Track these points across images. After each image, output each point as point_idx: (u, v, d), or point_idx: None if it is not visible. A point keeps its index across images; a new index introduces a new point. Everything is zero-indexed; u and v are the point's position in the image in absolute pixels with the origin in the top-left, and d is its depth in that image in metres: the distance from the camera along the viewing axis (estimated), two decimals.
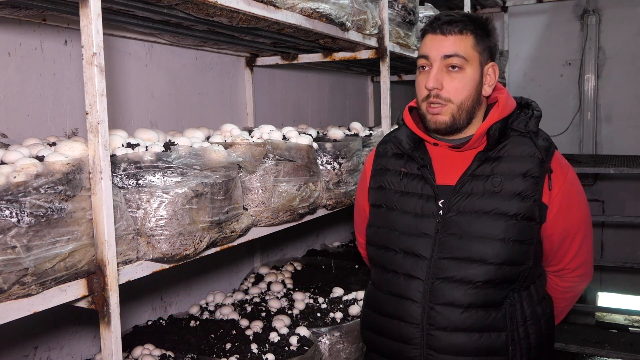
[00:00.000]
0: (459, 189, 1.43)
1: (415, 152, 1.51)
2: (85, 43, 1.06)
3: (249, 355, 1.88)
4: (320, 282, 2.64)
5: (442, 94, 1.41)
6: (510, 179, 1.40)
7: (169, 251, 1.30)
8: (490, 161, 1.43)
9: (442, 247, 1.42)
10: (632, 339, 3.85)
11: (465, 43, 1.40)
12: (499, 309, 1.40)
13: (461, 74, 1.40)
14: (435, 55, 1.42)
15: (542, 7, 5.14)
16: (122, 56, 2.11)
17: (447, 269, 1.40)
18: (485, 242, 1.38)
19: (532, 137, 1.43)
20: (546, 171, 1.39)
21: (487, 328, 1.40)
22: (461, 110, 1.42)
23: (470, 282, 1.39)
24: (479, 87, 1.43)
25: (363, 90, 4.27)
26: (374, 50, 2.50)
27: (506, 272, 1.38)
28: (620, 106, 4.93)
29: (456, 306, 1.39)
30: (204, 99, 2.54)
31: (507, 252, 1.38)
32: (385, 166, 1.59)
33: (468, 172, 1.44)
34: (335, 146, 2.04)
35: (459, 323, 1.39)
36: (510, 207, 1.38)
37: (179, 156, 1.33)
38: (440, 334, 1.40)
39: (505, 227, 1.38)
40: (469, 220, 1.40)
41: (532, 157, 1.41)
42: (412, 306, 1.43)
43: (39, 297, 1.04)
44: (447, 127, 1.44)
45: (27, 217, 0.99)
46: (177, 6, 1.56)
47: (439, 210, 1.44)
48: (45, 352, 1.83)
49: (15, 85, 1.70)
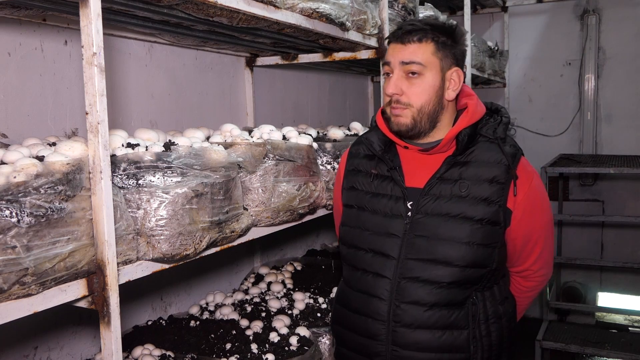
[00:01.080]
0: (427, 192, 1.48)
1: (386, 154, 1.55)
2: (85, 43, 1.06)
3: (249, 355, 1.88)
4: (320, 282, 2.64)
5: (402, 99, 1.47)
6: (477, 184, 1.45)
7: (169, 251, 1.30)
8: (459, 166, 1.48)
9: (409, 247, 1.46)
10: (632, 339, 3.85)
11: (423, 50, 1.45)
12: (461, 308, 1.45)
13: (419, 79, 1.45)
14: (395, 62, 1.48)
15: (542, 7, 5.14)
16: (122, 56, 2.11)
17: (414, 269, 1.45)
18: (451, 244, 1.43)
19: (499, 143, 1.47)
20: (512, 177, 1.44)
21: (449, 326, 1.44)
22: (421, 114, 1.46)
23: (435, 282, 1.43)
24: (440, 91, 1.47)
25: (363, 90, 4.27)
26: (374, 50, 2.50)
27: (470, 274, 1.43)
28: (620, 106, 4.92)
29: (421, 305, 1.44)
30: (204, 99, 2.54)
31: (471, 255, 1.42)
32: (357, 167, 1.63)
33: (436, 176, 1.48)
34: (335, 146, 2.04)
35: (422, 321, 1.44)
36: (476, 212, 1.43)
37: (179, 156, 1.33)
38: (404, 331, 1.45)
39: (470, 231, 1.42)
40: (436, 222, 1.45)
41: (499, 164, 1.45)
42: (379, 304, 1.48)
43: (39, 297, 1.04)
44: (408, 129, 1.48)
45: (27, 217, 0.99)
46: (177, 6, 1.56)
47: (407, 211, 1.48)
48: (45, 352, 1.83)
49: (15, 85, 1.70)
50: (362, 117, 4.23)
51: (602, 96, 4.99)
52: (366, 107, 4.33)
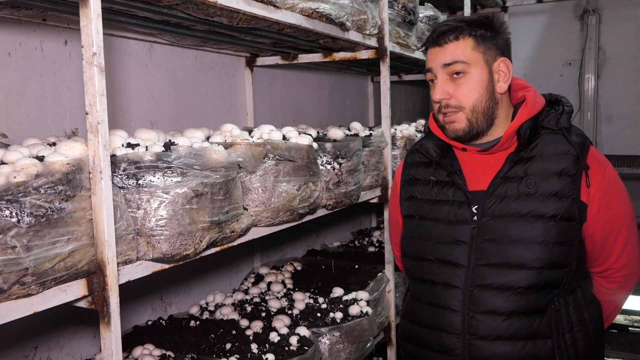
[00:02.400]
0: (492, 193, 1.40)
1: (444, 159, 1.48)
2: (85, 43, 1.06)
3: (249, 355, 1.88)
4: (320, 282, 2.64)
5: (451, 102, 1.40)
6: (545, 179, 1.36)
7: (169, 251, 1.30)
8: (523, 162, 1.40)
9: (479, 253, 1.38)
10: (632, 339, 3.85)
11: (463, 48, 1.39)
12: (543, 315, 1.36)
13: (465, 78, 1.39)
14: (436, 66, 1.42)
15: (542, 7, 5.14)
16: (122, 56, 2.11)
17: (486, 275, 1.37)
18: (523, 246, 1.34)
19: (564, 133, 1.39)
20: (583, 168, 1.35)
21: (531, 336, 1.35)
22: (476, 113, 1.39)
23: (511, 288, 1.35)
24: (490, 86, 1.40)
25: (363, 90, 4.27)
26: (374, 50, 2.50)
27: (548, 276, 1.34)
28: (620, 106, 4.92)
29: (497, 314, 1.35)
30: (204, 99, 2.54)
31: (547, 255, 1.33)
32: (414, 176, 1.57)
33: (500, 175, 1.40)
34: (335, 146, 2.04)
35: (501, 331, 1.35)
36: (548, 208, 1.34)
37: (179, 156, 1.33)
38: (482, 344, 1.36)
39: (543, 229, 1.34)
40: (505, 224, 1.37)
41: (566, 155, 1.37)
42: (451, 316, 1.40)
43: (39, 297, 1.04)
44: (465, 133, 1.41)
45: (27, 217, 0.99)
46: (177, 6, 1.56)
47: (473, 216, 1.41)
48: (45, 352, 1.83)
49: (15, 85, 1.70)
50: (362, 117, 4.23)
51: (602, 96, 4.99)
52: (366, 107, 4.33)
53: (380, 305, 2.52)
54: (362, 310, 2.28)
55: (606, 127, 4.99)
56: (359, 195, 2.17)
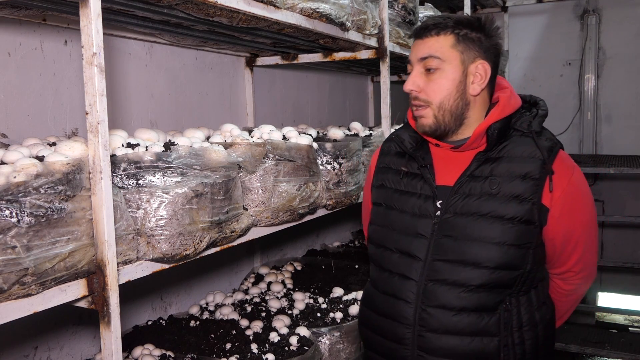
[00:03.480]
0: (456, 190, 1.41)
1: (417, 152, 1.49)
2: (85, 43, 1.06)
3: (249, 355, 1.88)
4: (320, 282, 2.64)
5: (420, 95, 1.42)
6: (509, 181, 1.37)
7: (169, 251, 1.30)
8: (490, 162, 1.41)
9: (437, 248, 1.40)
10: (632, 339, 3.85)
11: (442, 44, 1.39)
12: (492, 314, 1.38)
13: (437, 74, 1.39)
14: (413, 58, 1.44)
15: (542, 7, 5.14)
16: (122, 56, 2.11)
17: (441, 271, 1.39)
18: (480, 245, 1.36)
19: (534, 137, 1.39)
20: (547, 173, 1.36)
21: (479, 332, 1.37)
22: (442, 111, 1.40)
23: (463, 285, 1.37)
24: (462, 86, 1.40)
25: (363, 90, 4.27)
26: (374, 50, 2.50)
27: (501, 277, 1.36)
28: (620, 106, 4.92)
29: (448, 309, 1.38)
30: (204, 99, 2.54)
31: (502, 256, 1.35)
32: (388, 165, 1.58)
33: (467, 173, 1.42)
34: (335, 146, 2.04)
35: (450, 326, 1.37)
36: (508, 210, 1.35)
37: (179, 156, 1.32)
38: (431, 336, 1.39)
39: (501, 230, 1.35)
40: (465, 222, 1.38)
41: (532, 158, 1.38)
42: (405, 307, 1.42)
43: (39, 297, 1.04)
44: (432, 130, 1.43)
45: (27, 217, 0.99)
46: (177, 6, 1.56)
47: (436, 211, 1.43)
48: (45, 352, 1.83)
49: (15, 85, 1.70)
50: (362, 117, 4.23)
51: (602, 96, 4.99)
52: (366, 107, 4.33)
53: None
54: None
55: (606, 127, 4.99)
56: (359, 195, 2.17)
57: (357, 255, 3.18)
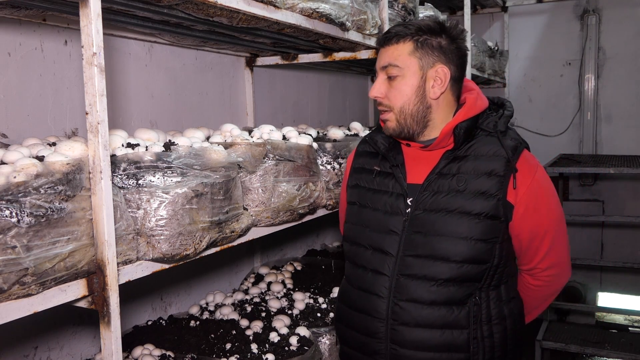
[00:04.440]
0: (425, 187, 1.47)
1: (390, 152, 1.56)
2: (85, 43, 1.06)
3: (249, 355, 1.88)
4: (320, 282, 2.64)
5: (383, 101, 1.49)
6: (475, 178, 1.43)
7: (169, 251, 1.30)
8: (457, 160, 1.47)
9: (407, 244, 1.46)
10: (632, 339, 3.85)
11: (400, 52, 1.45)
12: (462, 307, 1.43)
13: (397, 81, 1.46)
14: (377, 66, 1.51)
15: (542, 7, 5.14)
16: (122, 56, 2.11)
17: (412, 266, 1.44)
18: (448, 240, 1.42)
19: (498, 136, 1.46)
20: (511, 170, 1.42)
21: (449, 325, 1.43)
22: (404, 115, 1.47)
23: (433, 279, 1.42)
24: (421, 91, 1.46)
25: (363, 90, 4.27)
26: (374, 50, 2.50)
27: (469, 271, 1.41)
28: (620, 106, 4.92)
29: (419, 302, 1.43)
30: (204, 99, 2.54)
31: (469, 251, 1.40)
32: (362, 165, 1.64)
33: (435, 171, 1.48)
34: (335, 146, 2.04)
35: (421, 319, 1.43)
36: (474, 206, 1.41)
37: (179, 156, 1.33)
38: (403, 329, 1.44)
39: (468, 225, 1.41)
40: (434, 218, 1.44)
41: (497, 157, 1.44)
42: (378, 301, 1.47)
43: (39, 297, 1.04)
44: (396, 133, 1.50)
45: (27, 217, 0.99)
46: (177, 6, 1.56)
47: (406, 208, 1.48)
48: (45, 352, 1.83)
49: (15, 85, 1.70)
50: (362, 117, 4.23)
51: (602, 96, 4.99)
52: (366, 107, 4.33)
53: None
54: None
55: (606, 127, 4.99)
56: None
57: None
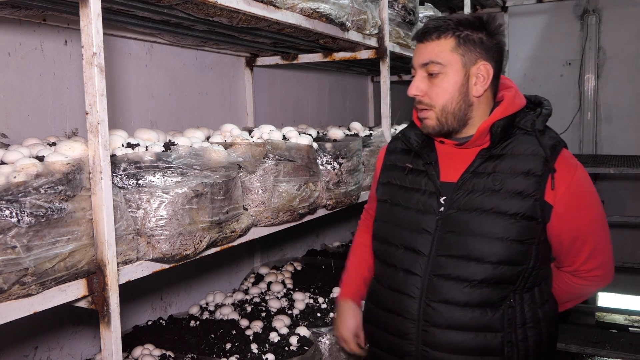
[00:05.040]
0: (460, 186, 1.43)
1: (423, 149, 1.52)
2: (85, 43, 1.06)
3: (249, 355, 1.88)
4: (320, 282, 2.64)
5: (424, 99, 1.44)
6: (511, 178, 1.39)
7: (169, 251, 1.30)
8: (493, 159, 1.43)
9: (440, 244, 1.42)
10: (632, 339, 3.85)
11: (442, 48, 1.40)
12: (496, 310, 1.39)
13: (439, 79, 1.41)
14: (415, 63, 1.46)
15: (542, 7, 5.14)
16: (122, 56, 2.11)
17: (445, 266, 1.41)
18: (483, 240, 1.38)
19: (537, 135, 1.42)
20: (549, 170, 1.37)
21: (483, 328, 1.39)
22: (445, 114, 1.42)
23: (467, 280, 1.38)
24: (464, 89, 1.42)
25: (363, 90, 4.27)
26: (374, 50, 2.50)
27: (504, 272, 1.37)
28: (620, 106, 4.92)
29: (452, 304, 1.39)
30: (204, 99, 2.54)
31: (505, 252, 1.37)
32: (394, 162, 1.61)
33: (470, 169, 1.44)
34: (335, 146, 2.04)
35: (453, 321, 1.39)
36: (510, 206, 1.37)
37: (179, 156, 1.32)
38: (435, 331, 1.40)
39: (504, 226, 1.37)
40: (469, 217, 1.40)
41: (535, 156, 1.39)
42: (409, 301, 1.44)
43: (39, 297, 1.04)
44: (436, 131, 1.45)
45: (27, 217, 0.99)
46: (177, 6, 1.56)
47: (440, 207, 1.45)
48: (45, 352, 1.83)
49: (15, 85, 1.70)
50: (362, 117, 4.23)
51: (602, 96, 4.99)
52: (366, 107, 4.33)
53: None
54: None
55: (606, 127, 4.99)
56: (359, 195, 2.17)
57: None
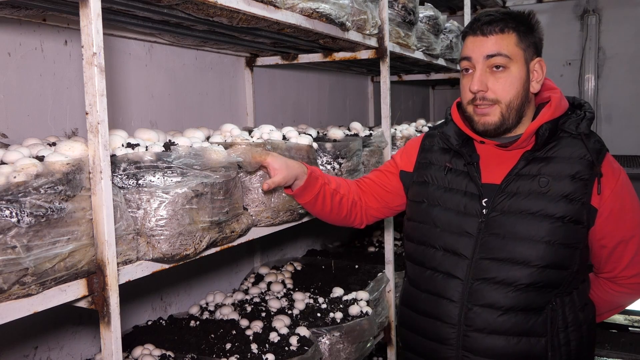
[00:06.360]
0: (503, 188, 1.41)
1: (464, 149, 1.48)
2: (85, 43, 1.06)
3: (249, 355, 1.88)
4: (320, 282, 2.64)
5: (488, 95, 1.39)
6: (558, 180, 1.37)
7: (169, 251, 1.30)
8: (538, 161, 1.40)
9: (484, 247, 1.39)
10: (632, 339, 3.85)
11: (507, 41, 1.37)
12: (539, 314, 1.37)
13: (506, 73, 1.38)
14: (477, 56, 1.40)
15: (542, 7, 5.14)
16: (122, 56, 2.11)
17: (488, 269, 1.38)
18: (529, 243, 1.35)
19: (583, 139, 1.40)
20: (596, 174, 1.36)
21: (526, 333, 1.36)
22: (510, 110, 1.39)
23: (511, 284, 1.35)
24: (526, 84, 1.40)
25: (363, 90, 4.27)
26: (374, 50, 2.50)
27: (550, 276, 1.35)
28: (620, 106, 4.93)
29: (495, 308, 1.36)
30: (204, 99, 2.54)
31: (551, 255, 1.34)
32: (430, 160, 1.57)
33: (514, 172, 1.41)
34: (335, 146, 2.04)
35: (496, 326, 1.36)
36: (557, 208, 1.35)
37: (179, 156, 1.32)
38: (477, 336, 1.37)
39: (550, 229, 1.34)
40: (513, 220, 1.37)
41: (582, 159, 1.37)
42: (449, 306, 1.41)
43: (39, 297, 1.04)
44: (496, 128, 1.41)
45: (27, 217, 0.99)
46: (177, 6, 1.56)
47: (482, 209, 1.42)
48: (45, 352, 1.83)
49: (15, 85, 1.70)
50: (362, 117, 4.23)
51: (602, 96, 4.99)
52: (366, 107, 4.33)
53: (380, 306, 2.51)
54: (362, 310, 2.28)
55: (606, 127, 4.99)
56: None
57: (357, 255, 3.18)
